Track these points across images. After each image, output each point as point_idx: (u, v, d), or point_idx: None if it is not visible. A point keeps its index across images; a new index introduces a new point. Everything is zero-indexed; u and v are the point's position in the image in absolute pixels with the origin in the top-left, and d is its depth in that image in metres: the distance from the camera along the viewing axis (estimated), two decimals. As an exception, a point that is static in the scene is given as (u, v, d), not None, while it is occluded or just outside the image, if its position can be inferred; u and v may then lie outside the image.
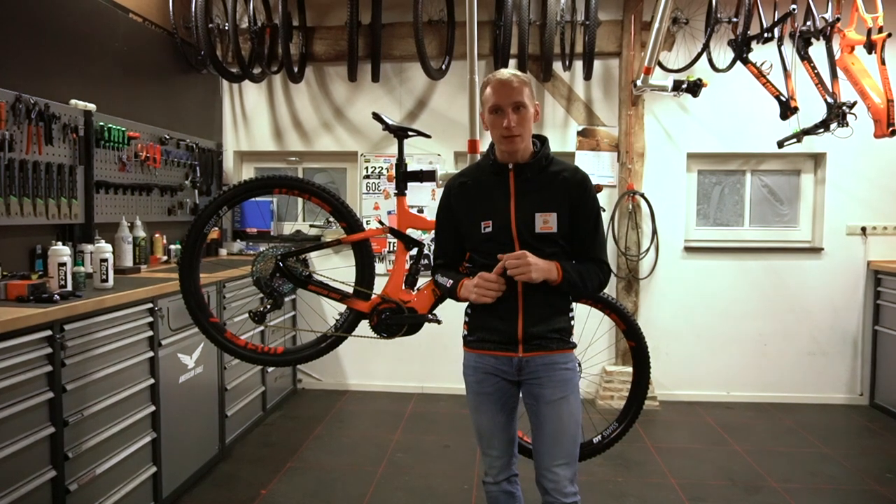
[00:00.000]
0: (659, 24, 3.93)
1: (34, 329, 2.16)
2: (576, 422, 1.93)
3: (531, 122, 1.90)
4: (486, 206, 1.92)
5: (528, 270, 1.79)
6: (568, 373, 1.93)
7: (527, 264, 1.79)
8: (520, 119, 1.86)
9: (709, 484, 3.28)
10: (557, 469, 1.88)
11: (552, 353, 1.91)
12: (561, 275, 1.85)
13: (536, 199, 1.89)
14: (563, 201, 1.88)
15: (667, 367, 4.54)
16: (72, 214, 3.08)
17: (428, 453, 3.65)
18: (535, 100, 1.93)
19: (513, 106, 1.85)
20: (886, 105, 3.55)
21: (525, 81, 1.89)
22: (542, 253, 1.86)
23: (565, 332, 1.95)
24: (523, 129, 1.87)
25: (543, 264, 1.83)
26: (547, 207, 1.88)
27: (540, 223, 1.87)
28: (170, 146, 3.94)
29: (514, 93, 1.85)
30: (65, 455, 2.29)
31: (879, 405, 4.44)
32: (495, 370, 1.95)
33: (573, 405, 1.92)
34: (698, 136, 4.57)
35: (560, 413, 1.89)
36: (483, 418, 2.00)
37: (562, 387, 1.91)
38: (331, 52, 4.62)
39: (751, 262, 4.61)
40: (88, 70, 3.37)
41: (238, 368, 3.63)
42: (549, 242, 1.88)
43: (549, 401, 1.90)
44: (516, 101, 1.85)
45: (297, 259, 2.17)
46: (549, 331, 1.90)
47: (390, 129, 2.22)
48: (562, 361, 1.92)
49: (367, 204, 4.75)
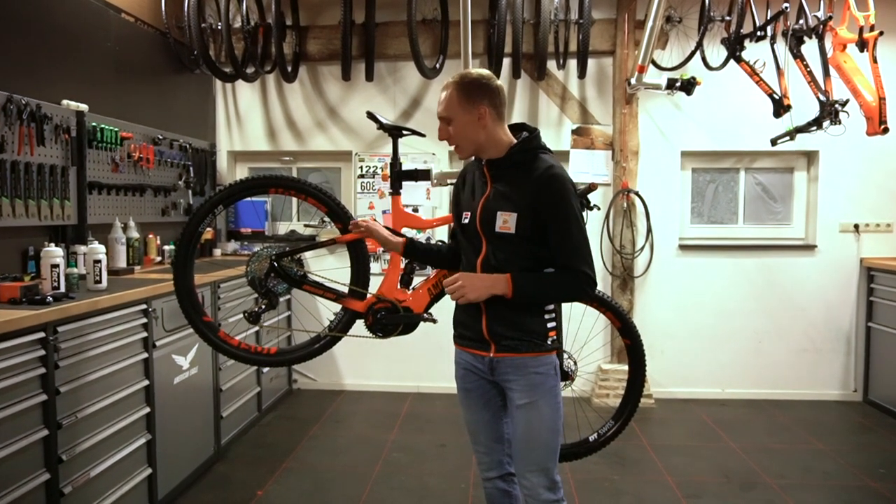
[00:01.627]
0: (652, 22, 3.94)
1: (27, 331, 2.15)
2: (549, 428, 1.85)
3: (468, 128, 1.84)
4: (469, 198, 1.93)
5: (463, 293, 1.79)
6: (538, 377, 1.85)
7: (460, 287, 1.79)
8: (452, 131, 1.86)
9: (704, 481, 3.29)
10: (530, 475, 1.85)
11: (523, 355, 1.85)
12: (511, 288, 1.78)
13: (502, 196, 1.84)
14: (525, 202, 1.79)
15: (662, 364, 4.55)
16: (64, 215, 3.06)
17: (424, 453, 3.65)
18: (473, 103, 1.82)
19: (441, 120, 1.88)
20: (878, 103, 3.56)
21: (452, 90, 1.84)
22: (506, 254, 1.81)
23: (538, 334, 1.86)
24: (457, 139, 1.86)
25: (484, 282, 1.79)
26: (508, 207, 1.81)
27: (500, 222, 1.81)
28: (163, 146, 3.92)
29: (440, 107, 1.87)
30: (59, 458, 2.27)
31: (873, 401, 4.47)
32: (472, 367, 1.95)
33: (543, 411, 1.84)
34: (692, 135, 4.58)
35: (529, 418, 1.84)
36: (468, 414, 2.01)
37: (530, 391, 1.84)
38: (324, 52, 4.61)
39: (745, 259, 4.62)
40: (80, 70, 3.35)
41: (233, 369, 3.62)
42: (509, 243, 1.82)
43: (518, 405, 1.86)
44: (441, 116, 1.87)
45: (292, 259, 2.16)
46: (516, 332, 1.84)
47: (385, 129, 2.21)
48: (532, 364, 1.85)
49: (361, 203, 4.74)
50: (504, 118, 1.89)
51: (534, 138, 1.89)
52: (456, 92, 1.83)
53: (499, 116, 1.87)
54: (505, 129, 1.89)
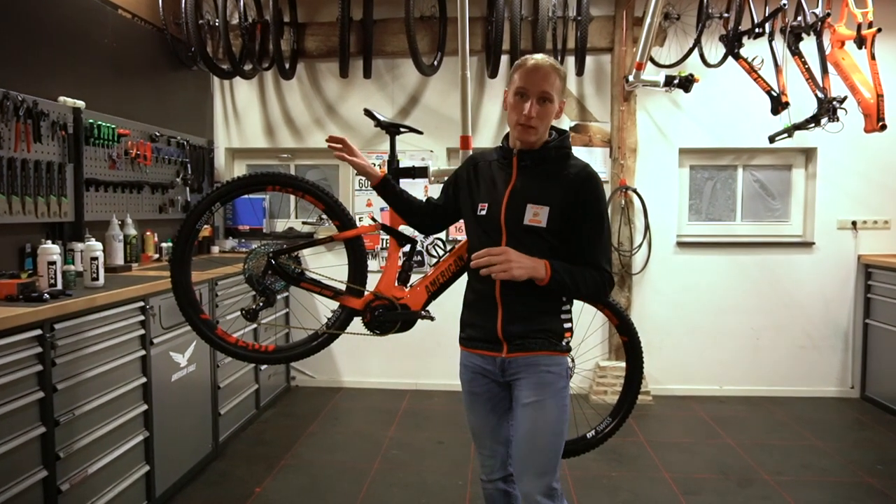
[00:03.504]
0: (651, 19, 3.93)
1: (24, 328, 2.14)
2: (553, 431, 1.79)
3: (551, 117, 1.80)
4: (487, 189, 1.88)
5: (509, 267, 1.69)
6: (549, 376, 1.80)
7: (507, 260, 1.70)
8: (541, 111, 1.76)
9: (702, 477, 3.30)
10: (528, 480, 1.79)
11: (535, 353, 1.81)
12: (549, 273, 1.73)
13: (533, 189, 1.79)
14: (560, 197, 1.77)
15: (660, 361, 4.56)
16: (61, 213, 3.06)
17: (422, 450, 3.65)
18: (563, 96, 1.83)
19: (538, 95, 1.76)
20: (876, 100, 3.56)
21: (559, 73, 1.78)
22: (527, 248, 1.76)
23: (553, 333, 1.83)
24: (542, 122, 1.77)
25: (528, 261, 1.72)
26: (540, 200, 1.77)
27: (530, 215, 1.77)
28: (160, 143, 3.91)
29: (543, 81, 1.75)
30: (56, 455, 2.27)
31: (870, 398, 4.48)
32: (482, 370, 1.91)
33: (549, 412, 1.79)
34: (690, 132, 4.58)
35: (534, 418, 1.79)
36: (474, 418, 1.97)
37: (539, 389, 1.79)
38: (322, 49, 4.60)
39: (743, 256, 4.63)
40: (77, 67, 3.34)
41: (231, 366, 3.62)
42: (535, 237, 1.78)
43: (524, 403, 1.81)
44: (543, 91, 1.75)
45: (290, 256, 2.16)
46: (532, 331, 1.81)
47: (382, 126, 2.21)
48: (545, 363, 1.81)
49: (359, 201, 4.74)
50: None
51: (566, 138, 1.88)
52: (558, 78, 1.78)
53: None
54: None
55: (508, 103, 1.83)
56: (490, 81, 4.62)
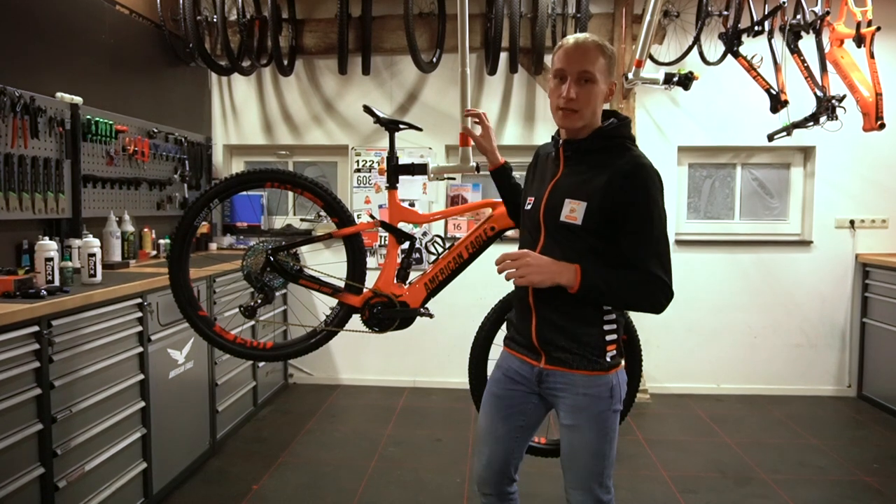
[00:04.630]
0: (650, 17, 3.92)
1: (21, 325, 2.14)
2: (592, 453, 1.67)
3: (599, 99, 1.62)
4: (538, 183, 1.76)
5: (527, 272, 1.56)
6: (585, 399, 1.64)
7: (527, 264, 1.56)
8: (583, 93, 1.60)
9: (699, 476, 3.30)
10: (573, 492, 1.73)
11: (574, 371, 1.65)
12: (579, 279, 1.55)
13: (575, 182, 1.63)
14: (600, 192, 1.58)
15: (658, 360, 4.56)
16: (59, 209, 3.04)
17: (420, 447, 3.65)
18: (611, 76, 1.64)
19: (578, 75, 1.59)
20: (875, 98, 3.56)
21: (604, 51, 1.61)
22: (563, 248, 1.61)
23: (592, 348, 1.64)
24: (585, 105, 1.60)
25: (551, 266, 1.57)
26: (579, 194, 1.60)
27: (566, 211, 1.60)
28: (158, 140, 3.90)
29: (584, 60, 1.59)
30: (53, 452, 2.26)
31: (867, 397, 4.49)
32: (516, 375, 1.77)
33: (585, 436, 1.66)
34: (689, 130, 4.58)
35: (571, 440, 1.69)
36: (483, 420, 1.84)
37: (574, 413, 1.66)
38: (321, 45, 4.59)
39: (741, 255, 4.63)
40: (75, 63, 3.32)
41: (229, 364, 3.61)
42: (571, 236, 1.61)
43: (563, 423, 1.70)
44: (583, 70, 1.59)
45: (288, 253, 2.15)
46: (567, 343, 1.65)
47: (381, 122, 2.20)
48: (583, 384, 1.64)
49: (358, 198, 4.73)
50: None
51: (623, 126, 1.67)
52: (602, 56, 1.61)
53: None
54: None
55: (549, 89, 1.68)
56: (489, 78, 4.61)
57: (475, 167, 2.66)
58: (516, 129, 4.64)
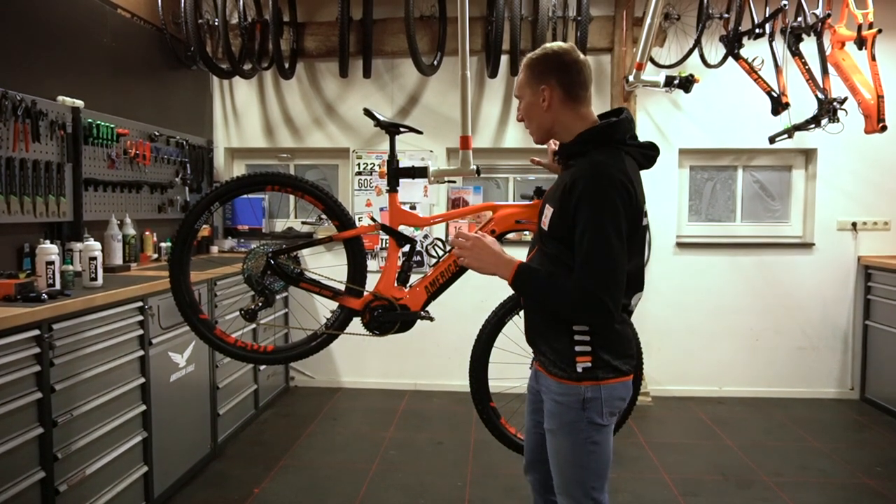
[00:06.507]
0: (651, 19, 3.92)
1: (22, 329, 2.14)
2: (567, 461, 1.66)
3: (534, 110, 1.70)
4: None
5: (464, 254, 1.68)
6: (556, 405, 1.65)
7: (471, 247, 1.67)
8: (521, 111, 1.75)
9: (701, 479, 3.29)
10: (558, 496, 1.74)
11: (549, 376, 1.68)
12: (511, 278, 1.61)
13: (553, 189, 1.69)
14: (559, 199, 1.60)
15: (659, 362, 4.55)
16: (60, 212, 3.05)
17: (421, 450, 3.65)
18: (540, 83, 1.66)
19: (517, 99, 1.78)
20: (876, 101, 3.56)
21: (526, 64, 1.70)
22: (543, 255, 1.67)
23: (562, 356, 1.63)
24: (527, 121, 1.74)
25: (493, 256, 1.65)
26: (551, 201, 1.65)
27: (543, 217, 1.67)
28: (159, 143, 3.90)
29: (516, 83, 1.77)
30: (54, 456, 2.26)
31: (870, 399, 4.48)
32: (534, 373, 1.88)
33: (562, 444, 1.66)
34: (690, 132, 4.58)
35: (550, 444, 1.72)
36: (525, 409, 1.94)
37: (549, 418, 1.70)
38: (322, 48, 4.60)
39: (742, 257, 4.62)
40: (76, 66, 3.33)
41: (230, 367, 3.61)
42: (545, 241, 1.65)
43: (545, 426, 1.75)
44: (516, 93, 1.77)
45: (289, 256, 2.15)
46: (544, 346, 1.70)
47: (382, 126, 2.20)
48: (556, 390, 1.65)
49: (358, 201, 4.73)
50: (581, 98, 1.66)
51: (606, 127, 1.62)
52: (524, 69, 1.70)
53: (570, 97, 1.64)
54: (581, 112, 1.66)
55: None
56: (490, 81, 4.61)
57: (476, 170, 2.66)
58: (517, 132, 4.64)
